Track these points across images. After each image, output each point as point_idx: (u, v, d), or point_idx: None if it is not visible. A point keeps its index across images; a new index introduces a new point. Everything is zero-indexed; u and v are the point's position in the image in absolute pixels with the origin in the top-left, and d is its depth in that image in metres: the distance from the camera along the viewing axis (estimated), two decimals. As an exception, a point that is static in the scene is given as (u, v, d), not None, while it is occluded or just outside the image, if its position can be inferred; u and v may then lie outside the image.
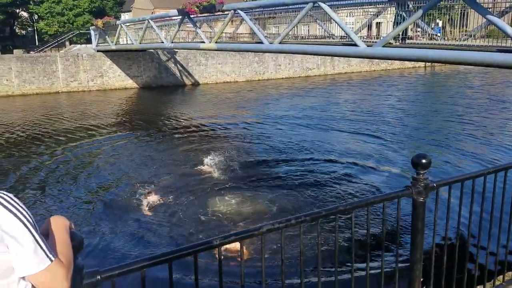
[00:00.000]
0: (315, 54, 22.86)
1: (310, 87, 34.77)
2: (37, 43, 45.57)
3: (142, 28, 27.32)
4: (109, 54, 33.97)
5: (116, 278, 1.85)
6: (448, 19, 14.88)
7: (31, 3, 46.80)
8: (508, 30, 9.08)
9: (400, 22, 11.99)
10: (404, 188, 2.78)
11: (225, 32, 21.10)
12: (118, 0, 51.65)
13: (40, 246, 1.43)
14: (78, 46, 39.10)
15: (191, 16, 21.12)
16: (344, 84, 36.79)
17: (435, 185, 2.82)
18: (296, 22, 15.07)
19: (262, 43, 16.75)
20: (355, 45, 12.74)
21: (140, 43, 28.10)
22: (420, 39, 14.34)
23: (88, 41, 39.52)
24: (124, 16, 54.84)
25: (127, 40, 31.48)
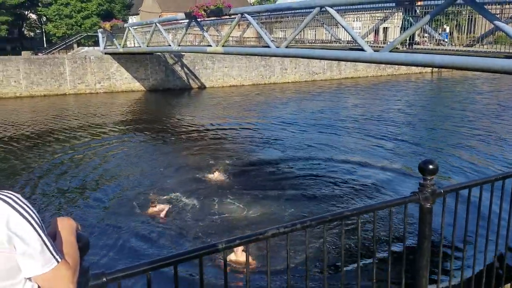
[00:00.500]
0: (321, 59, 22.86)
1: (318, 91, 34.77)
2: (45, 45, 45.93)
3: (150, 31, 27.46)
4: (116, 56, 34.16)
5: (121, 280, 1.85)
6: (455, 25, 14.82)
7: (39, 5, 47.23)
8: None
9: (407, 27, 11.97)
10: (411, 194, 2.76)
11: (231, 36, 21.15)
12: (126, 3, 52.02)
13: (47, 247, 1.43)
14: (86, 49, 39.41)
15: (198, 19, 21.21)
16: (352, 88, 36.74)
17: (442, 191, 2.79)
18: (303, 27, 15.08)
19: (268, 47, 16.76)
20: (362, 49, 12.73)
21: (147, 46, 28.23)
22: (427, 45, 14.30)
23: (96, 43, 39.81)
24: (132, 19, 55.15)
25: (134, 43, 31.64)
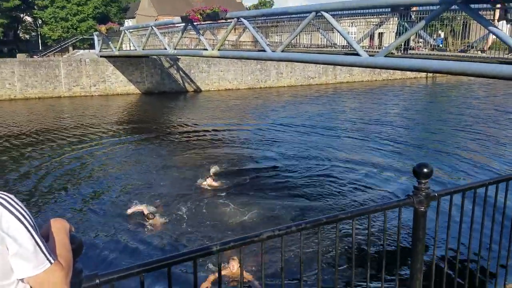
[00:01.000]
0: (317, 63, 22.95)
1: (316, 95, 34.91)
2: (40, 48, 45.80)
3: (146, 34, 27.45)
4: (112, 59, 34.12)
5: (115, 282, 1.84)
6: (450, 30, 14.92)
7: (35, 8, 47.09)
8: (511, 42, 9.10)
9: (402, 33, 12.03)
10: (406, 197, 2.77)
11: (228, 40, 21.19)
12: (122, 7, 51.99)
13: (40, 248, 1.42)
14: (81, 51, 39.30)
15: (195, 23, 21.24)
16: (348, 93, 36.92)
17: (436, 194, 2.81)
18: (299, 31, 15.13)
19: (264, 51, 16.81)
20: (357, 54, 12.78)
21: (143, 49, 28.22)
22: (422, 50, 14.38)
23: (91, 46, 39.74)
24: (128, 22, 55.13)
25: (130, 46, 31.63)
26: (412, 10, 12.42)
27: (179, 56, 34.08)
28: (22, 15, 51.03)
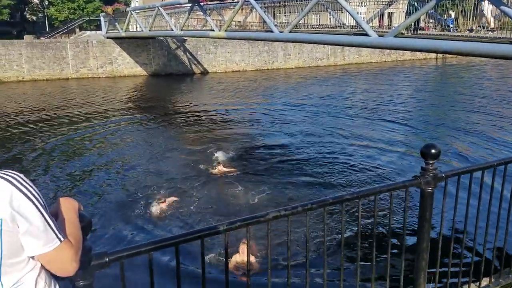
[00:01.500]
0: (325, 44, 22.72)
1: (325, 76, 34.61)
2: (47, 29, 45.67)
3: (152, 15, 27.28)
4: (118, 41, 34.01)
5: (124, 260, 1.87)
6: (461, 10, 14.66)
7: (42, -12, 46.84)
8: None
9: (412, 12, 11.86)
10: (413, 177, 2.77)
11: (235, 21, 21.00)
12: (129, -13, 51.43)
13: (50, 226, 1.45)
14: (88, 33, 39.17)
15: (201, 3, 21.05)
16: (358, 74, 36.56)
17: (443, 175, 2.80)
18: (307, 11, 14.95)
19: (272, 31, 16.64)
20: (367, 35, 12.62)
21: (149, 30, 28.07)
22: (432, 30, 14.17)
23: (98, 27, 39.56)
24: (134, 3, 54.66)
25: (136, 27, 31.48)
26: (422, -11, 12.20)
27: (185, 38, 33.87)
28: (28, -4, 50.78)
